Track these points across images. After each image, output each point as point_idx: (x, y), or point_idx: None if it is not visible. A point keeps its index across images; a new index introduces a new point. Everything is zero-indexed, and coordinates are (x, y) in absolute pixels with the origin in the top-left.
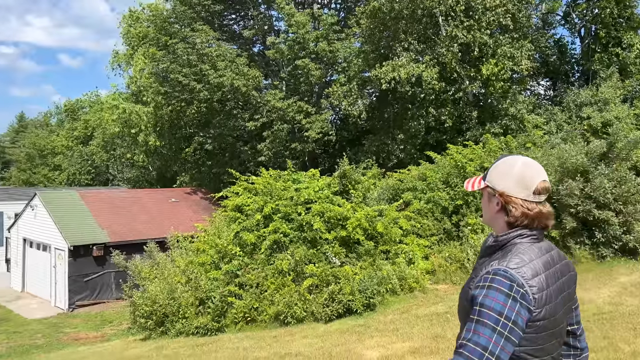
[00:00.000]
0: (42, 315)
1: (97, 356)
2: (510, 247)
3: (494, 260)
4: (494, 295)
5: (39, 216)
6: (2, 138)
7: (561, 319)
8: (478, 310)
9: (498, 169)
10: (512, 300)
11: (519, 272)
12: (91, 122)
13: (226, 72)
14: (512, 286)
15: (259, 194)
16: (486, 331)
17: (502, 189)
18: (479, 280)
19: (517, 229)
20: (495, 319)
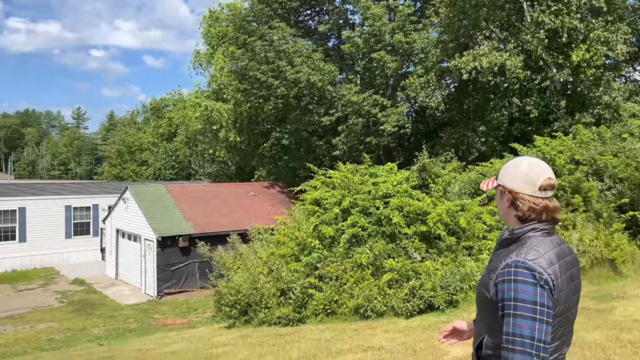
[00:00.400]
0: (133, 301)
1: (187, 342)
2: (524, 240)
3: (512, 252)
4: (523, 287)
5: (130, 208)
6: (95, 136)
7: (572, 305)
8: (513, 305)
9: (507, 169)
10: (540, 287)
11: (536, 263)
12: (175, 119)
13: (302, 67)
14: (535, 275)
15: (336, 187)
16: (527, 322)
17: (512, 187)
18: (501, 273)
19: (530, 224)
20: (532, 309)
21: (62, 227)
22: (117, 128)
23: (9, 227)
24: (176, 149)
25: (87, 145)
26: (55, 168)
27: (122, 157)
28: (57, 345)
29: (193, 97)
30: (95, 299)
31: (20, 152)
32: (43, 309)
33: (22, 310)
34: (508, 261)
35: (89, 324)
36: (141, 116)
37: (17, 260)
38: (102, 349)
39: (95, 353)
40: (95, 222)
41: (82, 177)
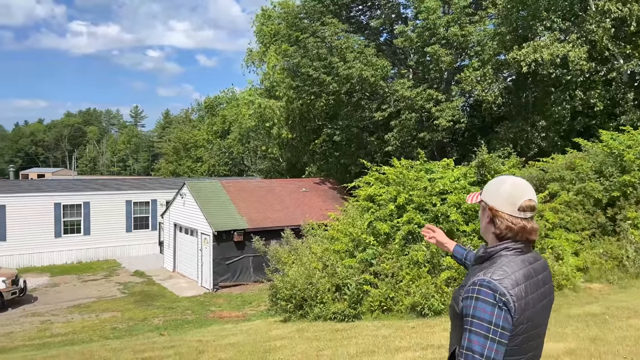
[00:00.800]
0: (190, 293)
1: (244, 334)
2: (496, 259)
3: (482, 270)
4: (482, 306)
5: (187, 203)
6: (151, 134)
7: (540, 322)
8: (470, 321)
9: (490, 187)
10: (498, 308)
11: (501, 283)
12: (228, 117)
13: (355, 63)
14: (496, 296)
15: (390, 184)
16: (480, 339)
17: (492, 205)
18: (467, 290)
19: (503, 242)
20: (486, 328)
21: (123, 221)
22: (172, 126)
23: (75, 220)
24: (229, 145)
25: (144, 143)
26: (115, 164)
27: (178, 154)
28: (120, 334)
29: (246, 95)
30: (155, 291)
31: (83, 149)
32: (107, 299)
33: (87, 299)
34: (475, 279)
35: (149, 314)
36: (196, 114)
37: (82, 252)
38: (164, 338)
39: (158, 343)
40: (154, 216)
41: (140, 174)
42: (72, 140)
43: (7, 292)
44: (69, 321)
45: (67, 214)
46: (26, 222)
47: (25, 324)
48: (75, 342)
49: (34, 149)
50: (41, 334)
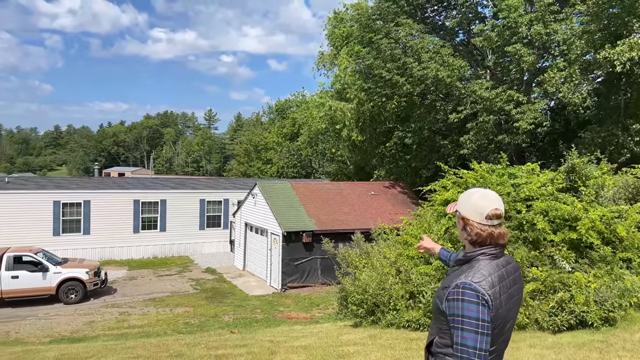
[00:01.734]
0: (259, 292)
1: (315, 337)
2: (474, 263)
3: (462, 273)
4: (468, 306)
5: (258, 204)
6: (223, 136)
7: (509, 318)
8: (461, 320)
9: (462, 198)
10: (482, 306)
11: (480, 285)
12: (298, 119)
13: (430, 64)
14: (478, 295)
15: (469, 188)
16: (471, 335)
17: (464, 214)
18: (452, 292)
19: (481, 248)
20: (475, 324)
21: (197, 219)
22: (243, 129)
23: (152, 217)
24: (298, 148)
25: (217, 145)
26: (189, 165)
27: (249, 156)
28: (192, 329)
29: (317, 98)
30: (225, 288)
31: (160, 150)
32: (180, 294)
33: (162, 294)
34: (458, 282)
35: (220, 311)
36: (266, 117)
37: (157, 248)
38: (235, 336)
39: (230, 340)
40: (226, 215)
41: (212, 174)
42: (150, 141)
43: (89, 283)
44: (144, 314)
45: (145, 210)
46: (108, 217)
47: (106, 314)
48: (151, 335)
49: (115, 149)
50: (119, 324)
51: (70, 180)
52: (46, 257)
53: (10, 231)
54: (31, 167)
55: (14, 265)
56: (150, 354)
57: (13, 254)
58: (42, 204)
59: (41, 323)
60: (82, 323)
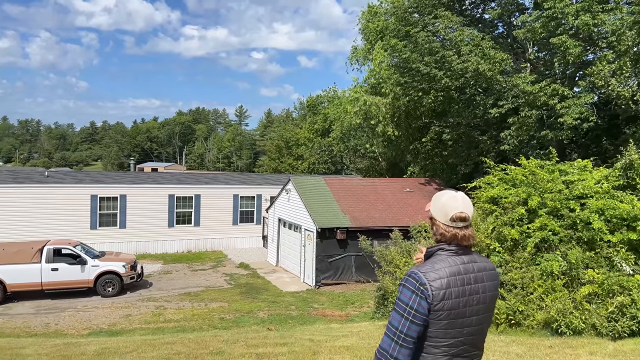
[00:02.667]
0: (293, 289)
1: (356, 337)
2: (433, 257)
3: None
4: (404, 291)
5: (292, 199)
6: (254, 132)
7: (464, 314)
8: (396, 302)
9: (434, 198)
10: (415, 294)
11: (425, 275)
12: (330, 115)
13: (470, 57)
14: (416, 285)
15: (516, 185)
16: (397, 316)
17: (432, 214)
18: (402, 279)
19: (439, 244)
20: (403, 308)
21: (230, 214)
22: (273, 125)
23: (186, 212)
24: (329, 144)
25: (247, 141)
26: (220, 161)
27: (280, 152)
28: (228, 324)
29: (352, 92)
30: (259, 284)
31: (192, 146)
32: (214, 288)
33: (197, 288)
34: (408, 271)
35: (255, 307)
36: (297, 113)
37: (192, 243)
38: (273, 334)
39: (269, 337)
40: (258, 211)
41: (242, 170)
42: (183, 137)
43: (126, 276)
44: (180, 308)
45: (179, 205)
46: (143, 211)
47: (142, 308)
48: (187, 329)
49: (149, 145)
50: (156, 318)
51: (107, 175)
52: (84, 250)
53: (49, 224)
54: (68, 161)
55: (54, 257)
56: (189, 351)
57: (53, 246)
58: (80, 198)
59: (80, 315)
60: (120, 316)
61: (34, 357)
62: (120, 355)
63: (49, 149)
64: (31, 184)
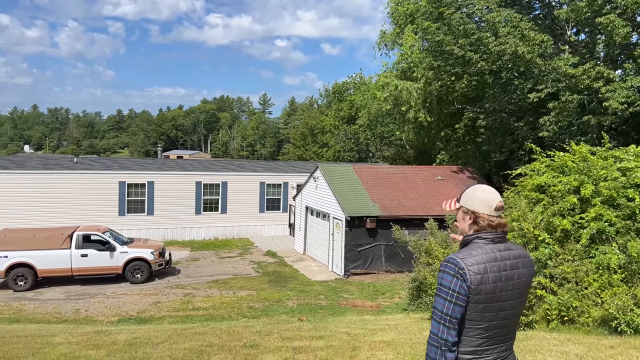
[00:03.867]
0: (321, 278)
1: (394, 331)
2: (470, 245)
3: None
4: (445, 277)
5: (319, 187)
6: (277, 120)
7: (500, 299)
8: (438, 287)
9: (467, 195)
10: (456, 278)
11: (463, 260)
12: (357, 102)
13: (508, 38)
14: (456, 269)
15: (565, 172)
16: (441, 301)
17: (473, 208)
18: (440, 265)
19: (477, 233)
20: (446, 292)
21: (257, 202)
22: (297, 113)
23: (213, 199)
24: (355, 131)
25: (271, 129)
26: (244, 149)
27: (305, 139)
28: (257, 313)
29: (382, 77)
30: (287, 272)
31: (216, 134)
32: (242, 276)
33: (224, 276)
34: (446, 257)
35: (283, 295)
36: (323, 99)
37: (219, 230)
38: (307, 326)
39: (302, 329)
40: (285, 198)
41: (266, 158)
42: (207, 125)
43: (154, 263)
44: (208, 296)
45: (206, 192)
46: (171, 198)
47: (170, 295)
48: (216, 318)
49: (174, 133)
50: (184, 306)
51: (135, 162)
52: (113, 237)
53: (78, 210)
54: (95, 149)
55: (83, 244)
56: (222, 342)
57: (82, 232)
58: (108, 185)
59: (109, 302)
60: (148, 303)
61: (65, 346)
62: (151, 346)
63: (77, 137)
64: (60, 170)
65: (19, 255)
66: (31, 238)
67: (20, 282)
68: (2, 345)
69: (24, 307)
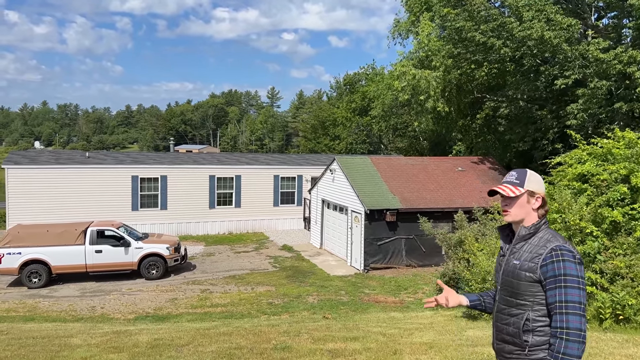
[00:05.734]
0: (341, 272)
1: (432, 330)
2: (541, 232)
3: (542, 241)
4: (570, 265)
5: (337, 179)
6: (286, 114)
7: None
8: (564, 278)
9: (535, 179)
10: (579, 264)
11: (569, 244)
12: (369, 93)
13: (534, 23)
14: (574, 255)
15: (608, 160)
16: (575, 291)
17: (541, 192)
18: (547, 257)
19: (542, 219)
20: (577, 281)
21: (271, 195)
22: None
23: (227, 192)
24: (367, 123)
25: (279, 122)
26: (253, 143)
27: (316, 132)
28: (276, 310)
29: (399, 67)
30: (305, 267)
31: (225, 128)
32: (259, 271)
33: (241, 271)
34: (553, 246)
35: (303, 291)
36: (333, 92)
37: (233, 224)
38: (336, 325)
39: (332, 328)
40: (299, 192)
41: (274, 152)
42: (216, 119)
43: (170, 258)
44: (226, 292)
45: (220, 186)
46: (184, 192)
47: (187, 291)
48: (235, 315)
49: (183, 127)
50: (202, 302)
51: (147, 156)
52: (127, 232)
53: (91, 205)
54: (105, 144)
55: (98, 239)
56: (251, 345)
57: (96, 228)
58: (121, 179)
59: (125, 299)
60: (165, 300)
61: (84, 349)
62: (175, 349)
63: (87, 133)
64: (73, 165)
65: (33, 251)
66: (45, 234)
67: (34, 279)
68: (19, 348)
69: (38, 305)
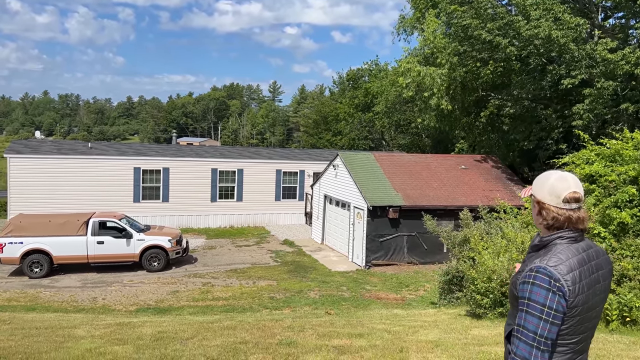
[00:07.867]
0: (342, 268)
1: (438, 329)
2: (551, 247)
3: (538, 257)
4: (537, 290)
5: (339, 175)
6: (287, 108)
7: (594, 305)
8: (526, 303)
9: (537, 182)
10: (552, 293)
11: (556, 269)
12: (372, 89)
13: (541, 22)
14: (551, 282)
15: (617, 161)
16: (534, 320)
17: (540, 198)
18: (525, 275)
19: (557, 232)
20: (540, 309)
21: (273, 190)
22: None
23: (229, 186)
24: (370, 119)
25: (281, 117)
26: (254, 137)
27: (318, 127)
28: (278, 304)
29: (404, 63)
30: (306, 262)
31: (226, 121)
32: (260, 265)
33: (243, 265)
34: (532, 266)
35: (304, 286)
36: (336, 87)
37: (234, 218)
38: (339, 321)
39: (335, 324)
40: (301, 187)
41: (275, 146)
42: (217, 112)
43: (172, 251)
44: (228, 285)
45: (222, 179)
46: (186, 185)
47: (189, 284)
48: (237, 309)
49: (184, 120)
50: (204, 295)
51: (150, 148)
52: (129, 224)
53: (93, 195)
54: (106, 135)
55: (100, 230)
56: (256, 339)
57: (98, 219)
58: (123, 170)
59: (126, 290)
60: (167, 292)
61: (88, 340)
62: (180, 342)
63: (87, 123)
64: (75, 155)
65: (35, 241)
66: (47, 224)
67: (35, 269)
68: (23, 338)
69: (40, 295)
